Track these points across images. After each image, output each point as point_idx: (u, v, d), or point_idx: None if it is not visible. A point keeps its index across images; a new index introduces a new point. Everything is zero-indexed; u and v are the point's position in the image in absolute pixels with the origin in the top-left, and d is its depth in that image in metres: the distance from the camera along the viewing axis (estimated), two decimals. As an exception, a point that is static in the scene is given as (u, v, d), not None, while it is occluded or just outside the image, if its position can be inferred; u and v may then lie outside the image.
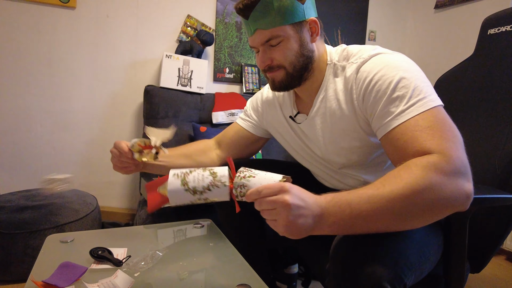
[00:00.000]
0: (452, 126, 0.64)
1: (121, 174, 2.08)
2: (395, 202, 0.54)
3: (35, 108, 1.87)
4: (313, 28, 0.80)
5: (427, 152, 0.59)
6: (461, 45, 2.27)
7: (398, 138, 0.65)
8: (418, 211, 0.56)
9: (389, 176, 0.58)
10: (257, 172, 0.64)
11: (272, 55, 0.80)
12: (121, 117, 2.05)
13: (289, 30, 0.77)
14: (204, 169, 0.68)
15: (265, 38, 0.78)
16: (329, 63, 0.84)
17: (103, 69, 1.98)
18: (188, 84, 1.98)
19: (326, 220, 0.56)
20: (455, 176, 0.57)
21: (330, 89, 0.82)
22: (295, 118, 0.93)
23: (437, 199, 0.55)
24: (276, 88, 0.85)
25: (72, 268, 0.74)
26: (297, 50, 0.79)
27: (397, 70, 0.69)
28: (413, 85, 0.67)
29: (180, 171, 0.69)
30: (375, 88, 0.71)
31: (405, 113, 0.66)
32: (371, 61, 0.74)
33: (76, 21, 1.90)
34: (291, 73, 0.80)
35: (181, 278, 0.77)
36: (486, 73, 1.02)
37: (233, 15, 2.22)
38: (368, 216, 0.55)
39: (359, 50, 0.79)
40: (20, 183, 1.86)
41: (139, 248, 0.89)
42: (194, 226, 1.08)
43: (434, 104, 0.65)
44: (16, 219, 1.42)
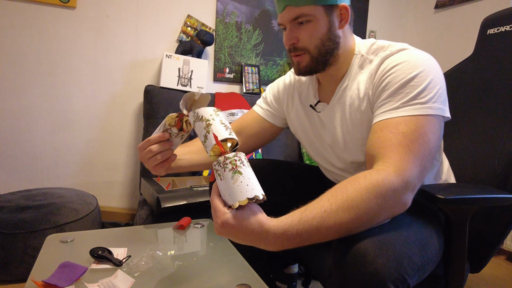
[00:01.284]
0: (429, 140, 0.65)
1: (121, 174, 2.09)
2: (341, 224, 0.58)
3: (35, 108, 1.87)
4: (343, 15, 0.79)
5: (385, 162, 0.63)
6: (461, 45, 2.27)
7: (376, 131, 0.69)
8: (358, 225, 0.59)
9: (339, 191, 0.60)
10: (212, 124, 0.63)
11: (298, 34, 0.79)
12: (121, 117, 2.05)
13: (319, 11, 0.76)
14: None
15: (294, 15, 0.77)
16: (356, 54, 0.83)
17: (103, 69, 1.98)
18: (188, 84, 1.98)
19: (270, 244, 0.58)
20: (401, 191, 0.60)
21: (354, 79, 0.82)
22: (315, 107, 0.91)
23: (376, 213, 0.59)
24: (301, 73, 0.84)
25: (72, 268, 0.74)
26: (324, 33, 0.78)
27: (416, 68, 0.70)
28: (423, 86, 0.68)
29: None
30: (388, 78, 0.72)
31: (396, 110, 0.68)
32: (396, 55, 0.74)
33: (76, 21, 1.90)
34: (316, 57, 0.80)
35: (181, 278, 0.77)
36: (486, 73, 1.02)
37: (233, 15, 2.22)
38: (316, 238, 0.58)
39: (389, 45, 0.79)
40: (20, 183, 1.87)
41: (139, 248, 0.89)
42: (194, 226, 1.08)
43: (430, 112, 0.67)
44: (16, 219, 1.42)
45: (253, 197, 0.57)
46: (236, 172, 0.58)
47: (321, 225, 0.57)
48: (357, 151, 0.85)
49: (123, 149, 2.07)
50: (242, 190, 0.57)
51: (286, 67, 2.42)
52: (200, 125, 0.66)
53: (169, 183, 1.63)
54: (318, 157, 1.00)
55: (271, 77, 2.39)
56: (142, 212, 1.46)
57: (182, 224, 1.05)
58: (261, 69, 2.35)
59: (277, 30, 2.36)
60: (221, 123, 0.66)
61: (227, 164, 0.59)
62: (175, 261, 0.84)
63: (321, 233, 0.57)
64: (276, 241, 0.57)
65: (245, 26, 2.27)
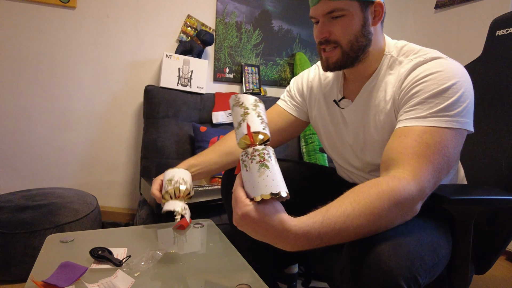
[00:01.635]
0: (449, 154, 0.66)
1: (121, 174, 2.09)
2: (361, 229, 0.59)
3: (36, 108, 1.87)
4: (377, 12, 0.78)
5: (405, 169, 0.63)
6: (461, 45, 2.27)
7: (400, 136, 0.69)
8: (375, 230, 0.60)
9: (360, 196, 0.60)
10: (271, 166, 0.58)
11: (331, 28, 0.77)
12: (121, 117, 2.05)
13: (355, 6, 0.75)
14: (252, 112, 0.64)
15: (328, 9, 0.75)
16: (386, 54, 0.82)
17: (103, 69, 1.98)
18: (188, 84, 1.98)
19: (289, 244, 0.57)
20: (416, 201, 0.62)
21: (382, 80, 0.81)
22: (339, 103, 0.90)
23: (393, 221, 0.61)
24: (329, 68, 0.83)
25: (72, 268, 0.74)
26: (358, 29, 0.77)
27: (450, 79, 0.69)
28: (454, 99, 0.68)
29: None
30: (420, 86, 0.71)
31: (424, 119, 0.68)
32: (431, 63, 0.73)
33: (77, 21, 1.90)
34: (347, 52, 0.78)
35: (181, 278, 0.77)
36: (495, 74, 1.01)
37: (233, 15, 2.22)
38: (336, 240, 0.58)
39: (420, 49, 0.78)
40: (20, 183, 1.87)
41: (139, 248, 0.89)
42: (194, 226, 1.08)
43: (456, 125, 0.67)
44: (16, 219, 1.42)
45: (277, 193, 0.55)
46: (263, 165, 0.57)
47: (343, 229, 0.57)
48: (375, 153, 0.85)
49: (123, 149, 2.07)
50: (267, 184, 0.56)
51: (286, 67, 2.42)
52: (237, 111, 0.64)
53: (169, 183, 1.62)
54: (334, 154, 1.00)
55: (271, 77, 2.39)
56: (142, 212, 1.46)
57: (182, 225, 1.05)
58: (261, 69, 2.35)
59: (277, 30, 2.36)
60: (258, 116, 0.64)
61: (255, 156, 0.58)
62: (175, 261, 0.84)
63: (341, 236, 0.57)
64: (296, 241, 0.56)
65: (245, 26, 2.27)
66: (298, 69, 2.32)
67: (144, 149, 1.85)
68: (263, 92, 2.29)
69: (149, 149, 1.83)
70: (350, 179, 1.00)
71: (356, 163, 0.93)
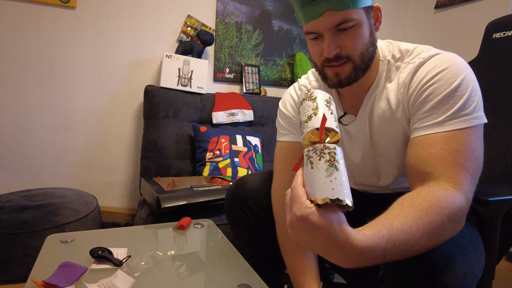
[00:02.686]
0: (478, 155, 0.63)
1: (121, 174, 2.09)
2: (422, 249, 0.54)
3: (36, 108, 1.87)
4: (376, 16, 0.75)
5: (446, 182, 0.60)
6: (461, 45, 2.27)
7: (424, 147, 0.65)
8: (434, 244, 0.56)
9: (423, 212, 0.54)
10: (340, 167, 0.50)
11: (341, 42, 0.70)
12: (121, 117, 2.05)
13: (362, 14, 0.69)
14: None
15: (336, 21, 0.68)
16: (382, 60, 0.77)
17: (103, 69, 1.98)
18: (188, 84, 1.98)
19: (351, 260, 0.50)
20: (466, 212, 0.59)
21: (383, 89, 0.77)
22: (342, 120, 0.84)
23: (447, 237, 0.57)
24: (341, 84, 0.75)
25: (72, 268, 0.74)
26: (368, 38, 0.71)
27: (457, 75, 0.66)
28: (467, 96, 0.65)
29: None
30: (430, 89, 0.68)
31: (443, 124, 0.65)
32: (432, 61, 0.70)
33: (77, 21, 1.90)
34: (359, 65, 0.72)
35: (181, 278, 0.77)
36: (492, 77, 1.02)
37: (233, 15, 2.22)
38: (397, 258, 0.53)
39: (414, 48, 0.75)
40: (20, 183, 1.87)
41: (139, 248, 0.89)
42: (194, 226, 1.08)
43: (476, 122, 0.64)
44: (16, 219, 1.42)
45: (343, 201, 0.48)
46: (332, 166, 0.50)
47: (407, 248, 0.52)
48: (388, 164, 0.82)
49: (123, 149, 2.07)
50: (334, 187, 0.48)
51: (286, 67, 2.42)
52: (308, 105, 0.58)
53: (169, 183, 1.63)
54: None
55: (271, 77, 2.39)
56: (142, 212, 1.46)
57: (182, 224, 1.05)
58: (261, 69, 2.35)
59: (277, 30, 2.36)
60: (332, 114, 0.58)
61: (324, 154, 0.51)
62: (175, 261, 0.84)
63: (403, 255, 0.53)
64: (360, 258, 0.49)
65: (245, 26, 2.27)
66: (298, 69, 2.32)
67: (144, 149, 1.85)
68: (263, 92, 2.29)
69: (149, 149, 1.83)
70: (361, 189, 0.96)
71: (365, 180, 0.89)
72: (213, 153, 1.80)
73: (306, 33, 0.74)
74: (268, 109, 2.16)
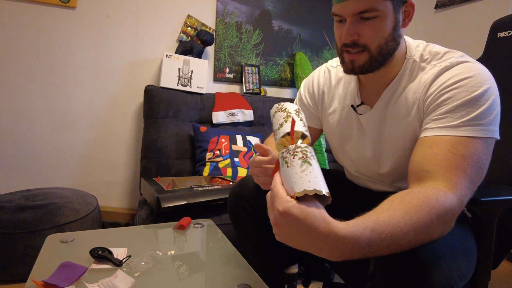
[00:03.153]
0: (483, 166, 0.64)
1: (121, 174, 2.09)
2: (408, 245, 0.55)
3: (36, 108, 1.87)
4: (408, 12, 0.74)
5: (444, 184, 0.60)
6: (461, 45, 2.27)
7: (431, 146, 0.65)
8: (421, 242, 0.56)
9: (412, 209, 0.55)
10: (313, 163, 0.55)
11: (361, 30, 0.70)
12: (121, 117, 2.05)
13: (389, 6, 0.69)
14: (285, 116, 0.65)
15: (360, 8, 0.68)
16: (408, 58, 0.77)
17: (103, 69, 1.98)
18: (188, 84, 1.98)
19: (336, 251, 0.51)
20: (457, 214, 0.60)
21: (403, 86, 0.77)
22: (357, 109, 0.85)
23: (437, 237, 0.58)
24: (354, 71, 0.76)
25: (72, 268, 0.74)
26: (389, 32, 0.71)
27: (481, 85, 0.66)
28: (486, 107, 0.65)
29: None
30: (450, 93, 0.68)
31: (456, 128, 0.65)
32: (458, 68, 0.69)
33: (76, 21, 1.90)
34: (375, 57, 0.73)
35: (181, 278, 0.77)
36: (496, 76, 1.01)
37: (233, 15, 2.22)
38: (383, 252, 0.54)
39: (444, 52, 0.74)
40: (20, 183, 1.87)
41: (139, 248, 0.89)
42: (194, 226, 1.08)
43: (488, 134, 0.64)
44: (16, 219, 1.42)
45: (320, 191, 0.51)
46: (306, 162, 0.54)
47: (393, 241, 0.52)
48: (393, 161, 0.82)
49: (123, 149, 2.07)
50: (310, 180, 0.52)
51: (286, 67, 2.42)
52: (279, 115, 0.65)
53: (169, 183, 1.63)
54: (347, 162, 0.96)
55: (271, 77, 2.39)
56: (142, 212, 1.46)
57: (182, 224, 1.05)
58: (261, 69, 2.35)
59: (277, 30, 2.36)
60: (301, 120, 0.64)
61: (297, 152, 0.56)
62: (175, 261, 0.84)
63: (389, 249, 0.53)
64: (345, 247, 0.49)
65: (245, 26, 2.27)
66: (298, 69, 2.32)
67: (144, 149, 1.85)
68: (263, 92, 2.29)
69: (149, 149, 1.83)
70: (364, 185, 0.97)
71: (371, 172, 0.90)
72: (213, 153, 1.80)
73: (332, 14, 0.75)
74: (268, 109, 2.16)
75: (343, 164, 1.00)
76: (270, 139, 1.01)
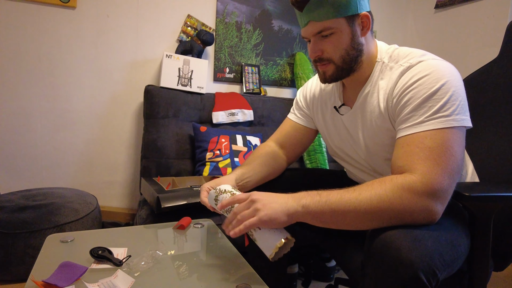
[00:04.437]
0: (455, 153, 0.67)
1: (121, 174, 2.09)
2: (362, 206, 0.65)
3: (36, 108, 1.87)
4: (365, 23, 0.81)
5: (411, 172, 0.67)
6: (462, 45, 2.27)
7: (403, 146, 0.72)
8: (380, 218, 0.65)
9: (365, 185, 0.68)
10: None
11: (323, 46, 0.81)
12: (122, 117, 2.05)
13: (341, 23, 0.79)
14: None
15: (317, 30, 0.80)
16: (378, 61, 0.85)
17: (104, 69, 1.98)
18: (188, 84, 1.98)
19: (300, 200, 0.69)
20: (426, 197, 0.64)
21: (375, 86, 0.84)
22: (339, 109, 0.94)
23: (399, 211, 0.64)
24: (326, 81, 0.87)
25: (72, 267, 0.74)
26: (347, 43, 0.80)
27: (438, 81, 0.71)
28: (446, 99, 0.70)
29: None
30: (410, 93, 0.74)
31: (421, 124, 0.70)
32: (417, 67, 0.76)
33: (77, 21, 1.90)
34: (341, 66, 0.83)
35: (181, 278, 0.77)
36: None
37: (233, 15, 2.22)
38: (338, 212, 0.67)
39: (409, 53, 0.81)
40: (20, 183, 1.87)
41: (139, 248, 0.89)
42: (194, 226, 1.08)
43: (454, 124, 0.68)
44: (16, 219, 1.42)
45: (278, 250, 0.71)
46: None
47: (340, 206, 0.66)
48: (378, 157, 0.88)
49: (123, 149, 2.07)
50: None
51: (286, 67, 2.42)
52: (223, 197, 0.81)
53: (169, 183, 1.63)
54: (343, 161, 1.03)
55: (271, 77, 2.39)
56: (142, 212, 1.46)
57: (182, 224, 1.05)
58: (261, 69, 2.35)
59: (277, 30, 2.36)
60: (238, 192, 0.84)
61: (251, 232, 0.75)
62: (175, 261, 0.84)
63: (336, 214, 0.66)
64: (294, 201, 0.69)
65: (245, 26, 2.27)
66: (298, 69, 2.32)
67: (144, 149, 1.85)
68: (263, 92, 2.29)
69: (149, 149, 1.83)
70: (360, 180, 1.01)
71: (364, 169, 0.96)
72: (213, 153, 1.80)
73: (302, 37, 0.88)
74: (268, 109, 2.16)
75: (341, 163, 1.06)
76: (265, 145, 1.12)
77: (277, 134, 1.12)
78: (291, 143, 1.09)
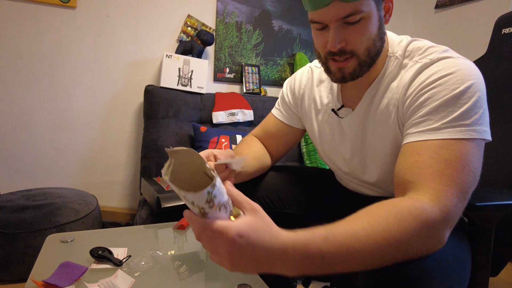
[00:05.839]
0: (474, 169, 0.56)
1: (121, 174, 2.09)
2: (376, 254, 0.49)
3: (36, 108, 1.87)
4: (387, 7, 0.68)
5: (424, 191, 0.54)
6: (461, 45, 2.27)
7: (412, 154, 0.59)
8: (393, 258, 0.51)
9: (376, 220, 0.50)
10: None
11: (347, 36, 0.64)
12: (122, 117, 2.05)
13: (372, 6, 0.63)
14: None
15: (344, 13, 0.62)
16: (390, 55, 0.72)
17: (104, 69, 1.98)
18: (188, 84, 1.98)
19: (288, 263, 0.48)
20: (443, 228, 0.53)
21: (385, 87, 0.72)
22: (338, 112, 0.80)
23: (414, 252, 0.52)
24: (345, 80, 0.70)
25: (72, 267, 0.74)
26: (376, 32, 0.66)
27: (463, 82, 0.59)
28: (469, 105, 0.58)
29: None
30: (429, 92, 0.62)
31: (437, 131, 0.58)
32: (439, 63, 0.63)
33: (77, 21, 1.90)
34: (364, 60, 0.67)
35: (181, 278, 0.77)
36: (501, 73, 0.99)
37: (233, 15, 2.22)
38: (341, 266, 0.49)
39: (427, 48, 0.68)
40: (20, 183, 1.86)
41: (139, 248, 0.89)
42: (194, 226, 1.08)
43: (475, 135, 0.57)
44: (16, 219, 1.42)
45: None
46: None
47: (351, 252, 0.48)
48: (376, 167, 0.77)
49: (123, 149, 2.07)
50: None
51: (286, 67, 2.42)
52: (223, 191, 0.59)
53: (169, 183, 1.63)
54: (331, 164, 0.92)
55: (271, 77, 2.39)
56: (142, 212, 1.46)
57: (182, 224, 1.05)
58: (261, 69, 2.35)
59: (277, 30, 2.36)
60: None
61: None
62: (175, 261, 0.84)
63: (348, 261, 0.48)
64: (296, 257, 0.47)
65: (245, 26, 2.27)
66: (298, 69, 2.32)
67: (144, 149, 1.85)
68: (263, 92, 2.29)
69: (149, 149, 1.83)
70: (350, 187, 0.92)
71: (357, 179, 0.86)
72: (213, 153, 1.80)
73: (310, 21, 0.68)
74: (268, 109, 2.16)
75: (329, 166, 0.95)
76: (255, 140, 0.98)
77: (258, 130, 0.98)
78: (273, 143, 0.96)
